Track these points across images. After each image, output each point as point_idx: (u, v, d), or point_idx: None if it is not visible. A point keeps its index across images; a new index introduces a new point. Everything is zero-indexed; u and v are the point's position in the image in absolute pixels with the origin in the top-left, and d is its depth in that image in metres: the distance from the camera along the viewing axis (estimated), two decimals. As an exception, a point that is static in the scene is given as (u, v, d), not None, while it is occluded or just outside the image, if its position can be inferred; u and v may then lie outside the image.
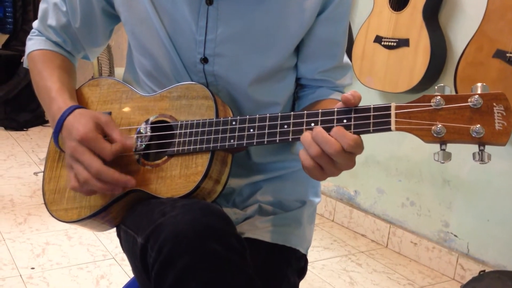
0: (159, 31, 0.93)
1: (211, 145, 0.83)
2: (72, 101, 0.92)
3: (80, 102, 0.99)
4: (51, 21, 1.01)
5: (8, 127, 3.98)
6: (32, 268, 1.91)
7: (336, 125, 0.74)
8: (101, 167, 0.81)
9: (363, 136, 0.74)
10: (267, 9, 0.91)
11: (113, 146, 0.83)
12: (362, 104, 0.75)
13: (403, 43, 2.08)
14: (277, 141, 0.79)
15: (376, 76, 2.20)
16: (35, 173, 2.99)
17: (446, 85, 0.71)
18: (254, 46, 0.93)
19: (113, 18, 1.04)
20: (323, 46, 0.98)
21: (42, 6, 1.03)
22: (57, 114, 0.89)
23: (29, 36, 1.05)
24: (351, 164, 0.75)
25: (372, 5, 2.20)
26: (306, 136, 0.75)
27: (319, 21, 0.95)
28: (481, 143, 0.67)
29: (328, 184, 2.73)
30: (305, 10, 0.92)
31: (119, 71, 3.03)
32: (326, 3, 0.94)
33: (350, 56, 2.31)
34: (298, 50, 0.99)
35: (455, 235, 2.14)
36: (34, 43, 1.02)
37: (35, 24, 1.05)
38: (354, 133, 0.73)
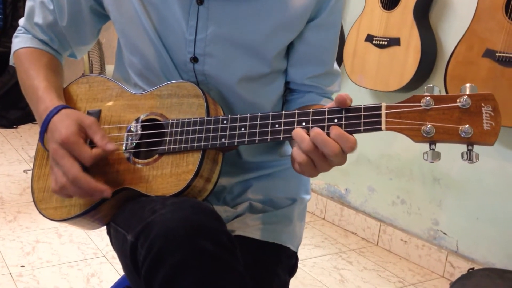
0: (148, 30, 0.93)
1: (202, 143, 0.83)
2: (59, 100, 0.91)
3: (69, 100, 0.98)
4: (38, 19, 1.00)
5: (-3, 125, 3.96)
6: (22, 266, 1.90)
7: (333, 125, 0.74)
8: (78, 174, 0.80)
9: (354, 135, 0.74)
10: (258, 11, 0.91)
11: (93, 151, 0.82)
12: (353, 103, 0.76)
13: (394, 42, 2.09)
14: (268, 140, 0.79)
15: (367, 75, 2.21)
16: (25, 171, 2.97)
17: (435, 86, 0.71)
18: (244, 47, 0.93)
19: (102, 17, 1.03)
20: (313, 52, 0.98)
21: (28, 4, 1.02)
22: (43, 114, 0.89)
23: (15, 34, 1.04)
24: (343, 161, 0.75)
25: (363, 4, 2.21)
26: (298, 131, 0.75)
27: (310, 27, 0.96)
28: (470, 143, 0.68)
29: (319, 182, 2.74)
30: (296, 15, 0.92)
31: (110, 68, 3.01)
32: (319, 10, 0.94)
33: (341, 55, 2.31)
34: (288, 54, 1.00)
35: (444, 233, 2.15)
36: (20, 41, 1.02)
37: (22, 21, 1.04)
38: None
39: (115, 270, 1.93)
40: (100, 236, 2.19)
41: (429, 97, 0.70)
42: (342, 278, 2.06)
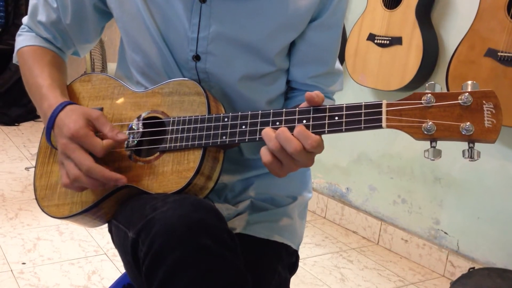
0: (150, 28, 0.93)
1: (203, 141, 0.83)
2: (63, 97, 0.92)
3: (72, 97, 0.98)
4: (41, 17, 1.00)
5: (-1, 122, 3.96)
6: (23, 263, 1.90)
7: (298, 124, 0.76)
8: (92, 165, 0.81)
9: (354, 132, 0.75)
10: (260, 10, 0.91)
11: (104, 142, 0.83)
12: (354, 101, 0.76)
13: (396, 41, 2.09)
14: (269, 137, 0.79)
15: (369, 74, 2.21)
16: (27, 168, 2.98)
17: (436, 83, 0.71)
18: (246, 45, 0.93)
19: (105, 14, 1.03)
20: (315, 52, 0.98)
21: (32, 2, 1.02)
22: (48, 111, 0.89)
23: (18, 32, 1.04)
24: (310, 162, 0.76)
25: (365, 3, 2.21)
26: (267, 131, 0.76)
27: (312, 27, 0.96)
28: (471, 140, 0.68)
29: (320, 181, 2.74)
30: (298, 15, 0.92)
31: (112, 66, 3.01)
32: (321, 10, 0.94)
33: (343, 54, 2.31)
34: (290, 53, 1.00)
35: (445, 233, 2.15)
36: (23, 39, 1.02)
37: (25, 20, 1.04)
38: (346, 130, 0.74)
39: (116, 267, 1.94)
40: (101, 234, 2.19)
41: (430, 94, 0.70)
42: (342, 277, 2.06)
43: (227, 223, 0.80)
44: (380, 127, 0.72)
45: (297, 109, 0.78)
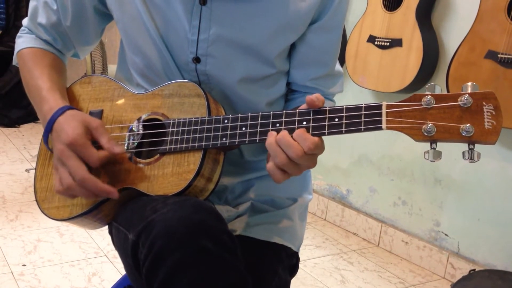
0: (150, 30, 0.93)
1: (203, 143, 0.83)
2: (63, 100, 0.92)
3: (72, 99, 0.98)
4: (41, 19, 1.00)
5: (-1, 124, 3.96)
6: (24, 265, 1.90)
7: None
8: (85, 175, 0.81)
9: (354, 134, 0.75)
10: (260, 12, 0.91)
11: (100, 153, 0.83)
12: (354, 103, 0.76)
13: (396, 43, 2.09)
14: (269, 139, 0.79)
15: (369, 76, 2.21)
16: (27, 170, 2.98)
17: (436, 84, 0.71)
18: (246, 47, 0.93)
19: (105, 16, 1.03)
20: (315, 54, 0.98)
21: (32, 4, 1.02)
22: (48, 114, 0.89)
23: (18, 34, 1.04)
24: (312, 164, 0.77)
25: (365, 5, 2.21)
26: (271, 142, 0.76)
27: (312, 29, 0.96)
28: (471, 142, 0.68)
29: (320, 182, 2.74)
30: (298, 17, 0.92)
31: (112, 68, 3.02)
32: (321, 12, 0.94)
33: (343, 56, 2.31)
34: (290, 55, 1.00)
35: (446, 234, 2.15)
36: (23, 41, 1.02)
37: (25, 21, 1.04)
38: (346, 131, 0.74)
39: (116, 269, 1.93)
40: (101, 236, 2.19)
41: (430, 96, 0.70)
42: (343, 279, 2.06)
43: (227, 224, 0.80)
44: (380, 128, 0.72)
45: (297, 111, 0.78)
